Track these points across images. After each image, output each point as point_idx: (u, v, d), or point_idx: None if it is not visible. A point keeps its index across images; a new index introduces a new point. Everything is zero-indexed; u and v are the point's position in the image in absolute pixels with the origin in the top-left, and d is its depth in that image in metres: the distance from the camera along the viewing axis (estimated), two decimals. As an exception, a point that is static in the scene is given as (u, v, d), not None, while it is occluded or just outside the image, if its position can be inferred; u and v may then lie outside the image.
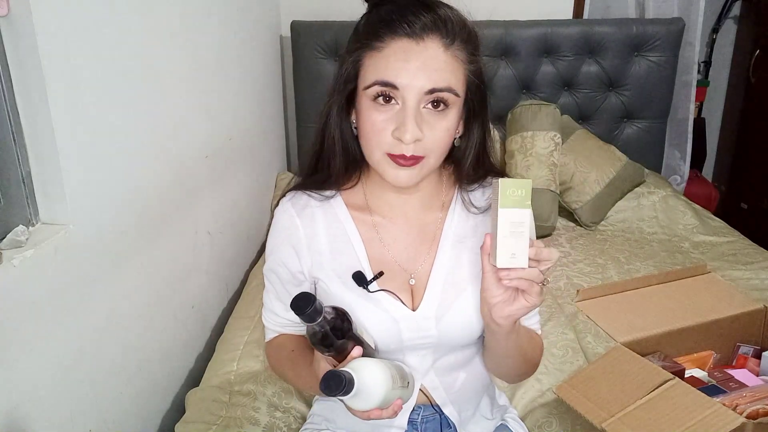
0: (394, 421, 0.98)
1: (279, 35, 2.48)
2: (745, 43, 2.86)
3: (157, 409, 1.40)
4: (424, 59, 0.81)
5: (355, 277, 0.93)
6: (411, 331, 0.93)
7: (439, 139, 0.84)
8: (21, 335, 0.93)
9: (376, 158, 0.86)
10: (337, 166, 0.93)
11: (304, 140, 2.52)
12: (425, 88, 0.81)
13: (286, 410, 1.28)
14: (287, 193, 0.99)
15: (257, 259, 2.04)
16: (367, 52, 0.83)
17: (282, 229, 0.97)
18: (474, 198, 0.97)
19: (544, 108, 2.19)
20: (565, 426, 1.22)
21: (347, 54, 0.86)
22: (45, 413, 0.99)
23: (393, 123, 0.83)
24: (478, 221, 0.96)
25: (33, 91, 0.95)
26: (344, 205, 0.97)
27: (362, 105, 0.85)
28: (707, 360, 1.40)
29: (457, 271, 0.95)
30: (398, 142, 0.82)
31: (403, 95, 0.81)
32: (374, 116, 0.83)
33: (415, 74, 0.80)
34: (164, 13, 1.37)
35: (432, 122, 0.83)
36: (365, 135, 0.85)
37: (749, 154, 2.86)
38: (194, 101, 1.55)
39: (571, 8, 2.54)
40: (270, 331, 1.07)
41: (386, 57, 0.81)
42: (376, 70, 0.82)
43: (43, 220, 1.03)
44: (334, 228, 0.96)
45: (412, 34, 0.80)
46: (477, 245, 0.95)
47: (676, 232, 2.18)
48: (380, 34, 0.82)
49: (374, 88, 0.82)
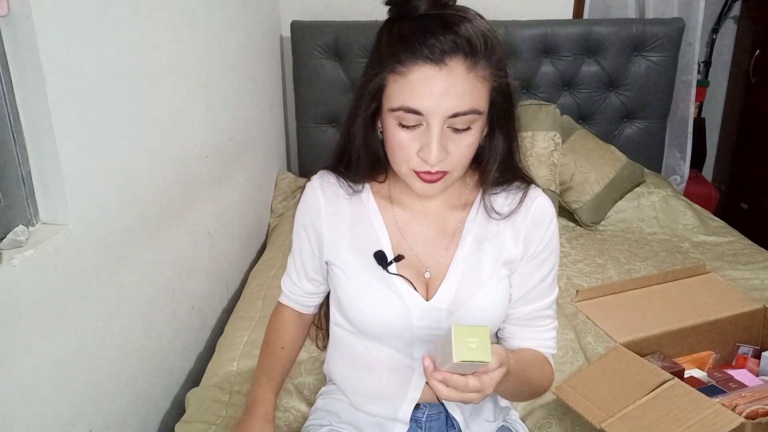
0: (398, 416, 0.99)
1: (279, 35, 2.48)
2: (745, 43, 2.86)
3: (157, 409, 1.40)
4: (447, 85, 0.81)
5: (376, 256, 0.95)
6: (422, 320, 0.94)
7: (463, 156, 0.86)
8: (21, 335, 0.93)
9: (403, 171, 0.89)
10: (362, 166, 0.95)
11: (304, 140, 2.52)
12: (449, 113, 0.82)
13: (286, 410, 1.28)
14: (317, 174, 1.02)
15: (257, 259, 2.04)
16: (390, 75, 0.84)
17: (307, 203, 1.01)
18: (496, 203, 0.97)
19: (544, 108, 2.19)
20: (564, 426, 1.22)
21: (371, 67, 0.87)
22: (45, 413, 0.99)
23: (417, 142, 0.85)
24: (499, 228, 0.97)
25: (33, 91, 0.95)
26: (371, 193, 1.00)
27: (388, 122, 0.87)
28: (707, 360, 1.40)
29: (475, 269, 0.95)
30: (423, 162, 0.85)
31: (428, 119, 0.83)
32: (400, 135, 0.85)
33: (439, 101, 0.81)
34: (164, 13, 1.37)
35: (456, 140, 0.85)
36: (392, 150, 0.88)
37: (749, 154, 2.86)
38: (194, 101, 1.56)
39: (571, 8, 2.54)
40: (283, 295, 1.14)
41: (410, 83, 0.82)
42: (401, 96, 0.83)
43: (43, 220, 1.03)
44: (358, 213, 0.99)
45: (435, 59, 0.80)
46: (496, 250, 0.97)
47: (676, 232, 2.18)
48: (402, 59, 0.82)
49: (399, 113, 0.84)
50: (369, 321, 0.95)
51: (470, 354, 0.73)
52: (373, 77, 0.86)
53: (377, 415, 1.01)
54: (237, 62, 1.91)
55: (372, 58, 0.88)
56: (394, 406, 0.99)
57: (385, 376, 0.99)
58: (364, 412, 1.02)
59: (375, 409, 1.01)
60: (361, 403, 1.02)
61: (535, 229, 0.96)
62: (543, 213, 0.96)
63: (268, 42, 2.31)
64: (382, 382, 0.99)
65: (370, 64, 0.88)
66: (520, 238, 0.96)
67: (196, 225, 1.58)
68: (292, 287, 1.11)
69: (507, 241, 0.96)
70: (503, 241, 0.96)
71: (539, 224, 0.96)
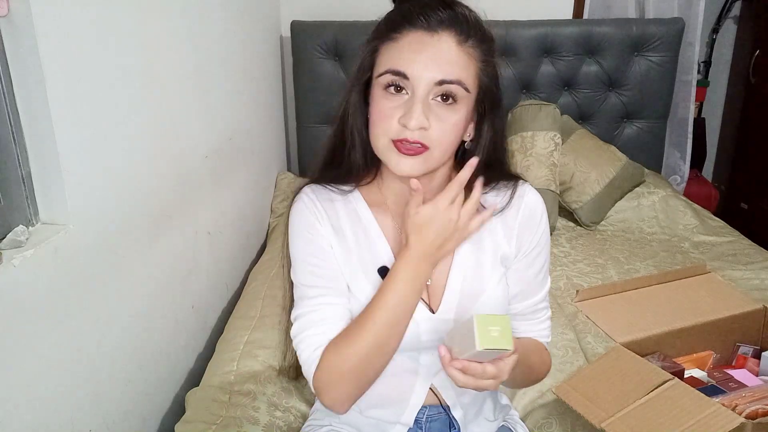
0: (400, 418, 0.98)
1: (279, 35, 2.48)
2: (745, 43, 2.86)
3: (157, 409, 1.40)
4: (436, 51, 0.83)
5: (381, 272, 0.93)
6: (430, 333, 0.93)
7: (446, 132, 0.84)
8: (21, 335, 0.93)
9: (381, 145, 0.86)
10: (357, 158, 0.92)
11: (304, 140, 2.52)
12: (435, 79, 0.82)
13: (286, 409, 1.28)
14: (305, 187, 0.97)
15: (257, 259, 2.04)
16: (383, 43, 0.86)
17: (309, 214, 0.93)
18: (486, 202, 0.95)
19: (544, 108, 2.19)
20: (565, 426, 1.22)
21: (366, 45, 0.89)
22: (45, 413, 0.99)
23: (401, 111, 0.83)
24: (492, 225, 0.95)
25: (33, 91, 0.95)
26: (363, 200, 0.97)
27: (375, 93, 0.86)
28: (707, 360, 1.40)
29: (475, 272, 0.95)
30: (403, 128, 0.83)
31: (413, 85, 0.83)
32: (383, 103, 0.85)
33: (426, 65, 0.82)
34: (164, 13, 1.37)
35: (440, 114, 0.84)
36: (373, 122, 0.87)
37: (749, 154, 2.85)
38: (194, 101, 1.55)
39: (571, 8, 2.54)
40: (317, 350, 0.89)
41: (400, 47, 0.84)
42: (390, 59, 0.84)
43: (43, 220, 1.03)
44: (355, 221, 0.96)
45: (428, 27, 0.83)
46: (493, 247, 0.96)
47: (676, 232, 2.18)
48: (398, 26, 0.85)
49: (386, 77, 0.84)
50: None
51: (493, 342, 0.74)
52: (366, 51, 0.88)
53: (379, 419, 1.00)
54: (237, 62, 1.91)
55: (369, 37, 0.89)
56: (397, 411, 0.98)
57: (389, 382, 0.97)
58: (366, 416, 1.02)
59: (378, 413, 1.00)
60: (364, 408, 1.01)
61: (528, 226, 0.95)
62: (534, 209, 0.96)
63: (268, 42, 2.31)
64: (386, 389, 0.97)
65: (366, 42, 0.89)
66: (513, 236, 0.95)
67: (196, 225, 1.58)
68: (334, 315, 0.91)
69: (500, 239, 0.96)
70: (497, 239, 0.96)
71: (531, 220, 0.95)
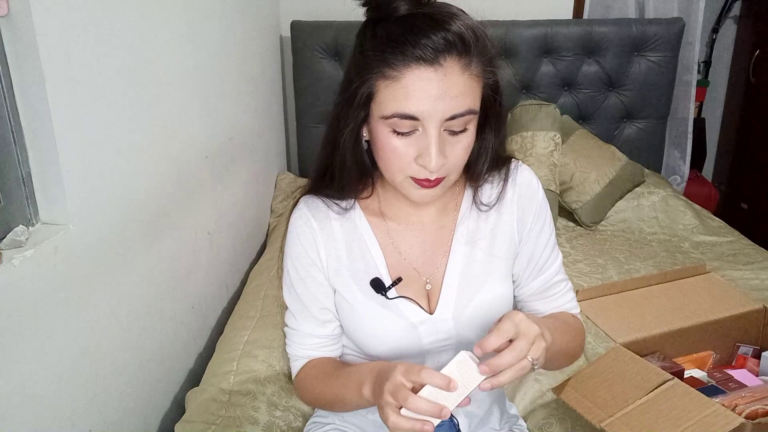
0: None
1: (279, 35, 2.48)
2: (745, 43, 2.86)
3: (157, 409, 1.40)
4: (443, 86, 0.77)
5: (372, 284, 0.93)
6: (430, 335, 0.93)
7: (460, 156, 0.84)
8: (21, 335, 0.93)
9: (398, 180, 0.85)
10: (350, 178, 0.91)
11: (304, 140, 2.52)
12: (446, 116, 0.78)
13: (286, 409, 1.28)
14: (301, 199, 0.97)
15: (257, 259, 2.04)
16: (380, 81, 0.79)
17: (301, 233, 0.94)
18: (483, 195, 0.95)
19: (544, 108, 2.19)
20: (565, 426, 1.22)
21: (356, 73, 0.81)
22: (45, 413, 0.99)
23: (414, 148, 0.81)
24: (490, 219, 0.96)
25: (33, 91, 0.95)
26: (361, 211, 0.96)
27: (379, 130, 0.82)
28: (707, 360, 1.39)
29: (470, 270, 0.95)
30: (422, 168, 0.81)
31: (424, 124, 0.79)
32: (394, 143, 0.81)
33: (435, 104, 0.77)
34: (164, 13, 1.37)
35: (453, 143, 0.82)
36: (385, 159, 0.83)
37: (749, 154, 2.85)
38: (194, 101, 1.55)
39: (571, 8, 2.54)
40: (299, 360, 1.00)
41: (404, 87, 0.77)
42: (395, 102, 0.78)
43: (43, 220, 1.03)
44: (351, 234, 0.95)
45: (428, 59, 0.76)
46: (489, 243, 0.95)
47: (676, 232, 2.18)
48: (393, 61, 0.77)
49: (394, 120, 0.79)
50: (377, 347, 0.94)
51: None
52: (360, 85, 0.80)
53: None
54: (237, 62, 1.91)
55: (355, 63, 0.82)
56: None
57: None
58: (370, 419, 1.02)
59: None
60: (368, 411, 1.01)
61: (526, 203, 0.95)
62: (528, 185, 0.95)
63: (268, 42, 2.31)
64: None
65: (355, 70, 0.82)
66: (515, 218, 0.95)
67: (196, 225, 1.58)
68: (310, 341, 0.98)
69: (503, 227, 0.95)
70: (499, 230, 0.95)
71: (528, 197, 0.95)
